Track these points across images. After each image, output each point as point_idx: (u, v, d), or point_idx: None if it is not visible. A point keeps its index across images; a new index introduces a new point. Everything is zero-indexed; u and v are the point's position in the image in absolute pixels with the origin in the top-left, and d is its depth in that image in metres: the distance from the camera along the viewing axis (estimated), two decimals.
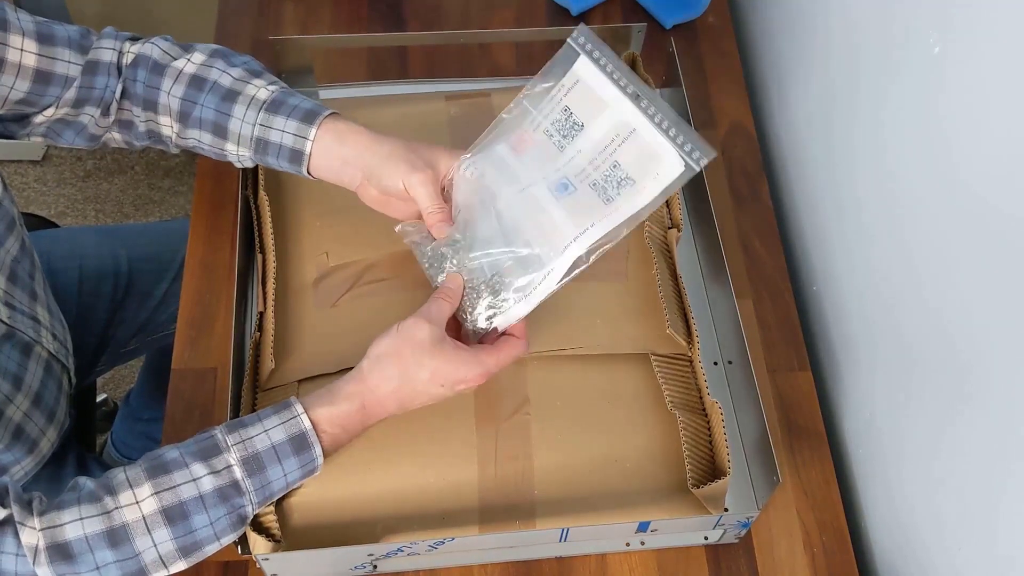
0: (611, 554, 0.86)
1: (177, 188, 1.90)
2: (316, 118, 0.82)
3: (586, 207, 0.79)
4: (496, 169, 0.82)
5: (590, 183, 0.79)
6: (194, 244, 1.00)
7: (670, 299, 0.89)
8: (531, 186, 0.81)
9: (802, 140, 1.05)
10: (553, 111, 0.82)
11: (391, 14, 1.20)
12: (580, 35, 0.81)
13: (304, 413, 0.74)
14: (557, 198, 0.80)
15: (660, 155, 0.78)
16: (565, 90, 0.81)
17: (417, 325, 0.75)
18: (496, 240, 0.80)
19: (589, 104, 0.80)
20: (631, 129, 0.79)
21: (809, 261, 1.03)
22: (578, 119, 0.80)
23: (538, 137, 0.82)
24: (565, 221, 0.78)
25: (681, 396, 0.86)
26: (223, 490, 0.72)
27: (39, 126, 0.86)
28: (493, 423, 0.83)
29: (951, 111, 0.73)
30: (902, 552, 0.86)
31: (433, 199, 0.80)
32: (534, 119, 0.83)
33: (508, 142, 0.83)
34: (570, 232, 0.78)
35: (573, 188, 0.80)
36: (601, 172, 0.79)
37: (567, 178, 0.80)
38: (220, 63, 0.85)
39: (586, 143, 0.80)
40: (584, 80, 0.81)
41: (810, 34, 1.02)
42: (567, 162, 0.80)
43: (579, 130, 0.80)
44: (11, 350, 0.88)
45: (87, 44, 0.85)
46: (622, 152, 0.79)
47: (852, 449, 0.94)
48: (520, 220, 0.80)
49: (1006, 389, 0.68)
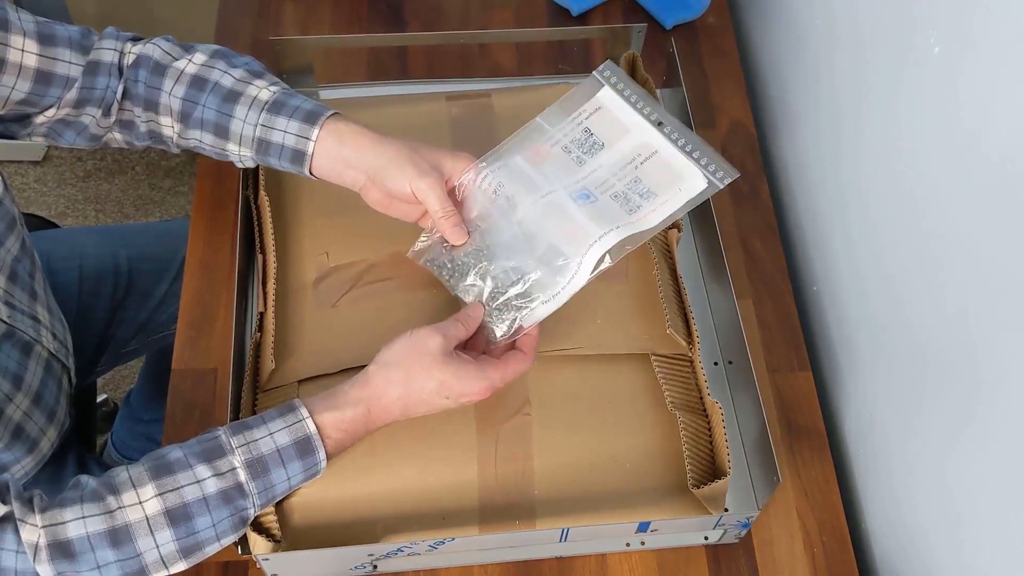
0: (611, 554, 0.86)
1: (177, 188, 1.90)
2: (318, 119, 0.82)
3: (609, 214, 0.79)
4: (514, 179, 0.82)
5: (612, 194, 0.79)
6: (194, 244, 1.00)
7: (670, 299, 0.89)
8: (552, 193, 0.81)
9: (802, 140, 1.05)
10: (573, 131, 0.81)
11: (391, 14, 1.20)
12: (606, 69, 0.81)
13: (309, 417, 0.74)
14: (579, 205, 0.80)
15: (683, 173, 0.78)
16: (587, 114, 0.81)
17: (429, 336, 0.75)
18: (519, 245, 0.80)
19: (611, 128, 0.80)
20: (653, 150, 0.79)
21: (809, 261, 1.03)
22: (599, 139, 0.80)
23: (556, 152, 0.82)
24: (588, 223, 0.78)
25: (681, 396, 0.86)
26: (227, 492, 0.72)
27: (40, 126, 0.86)
28: (493, 424, 0.83)
29: (952, 111, 0.73)
30: (902, 552, 0.86)
31: (443, 202, 0.80)
32: (551, 136, 0.83)
33: (524, 155, 0.83)
34: (594, 232, 0.78)
35: (595, 198, 0.79)
36: (623, 184, 0.79)
37: (588, 189, 0.80)
38: (221, 64, 0.85)
39: (607, 159, 0.80)
40: (606, 107, 0.81)
41: (810, 34, 1.02)
42: (588, 175, 0.81)
43: (599, 148, 0.80)
44: (11, 349, 0.88)
45: (88, 44, 0.85)
46: (644, 169, 0.79)
47: (852, 449, 0.94)
48: (543, 225, 0.80)
49: (1006, 389, 0.68)
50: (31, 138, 0.88)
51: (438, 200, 0.80)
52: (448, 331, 0.76)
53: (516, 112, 1.01)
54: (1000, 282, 0.68)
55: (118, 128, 0.88)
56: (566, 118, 0.83)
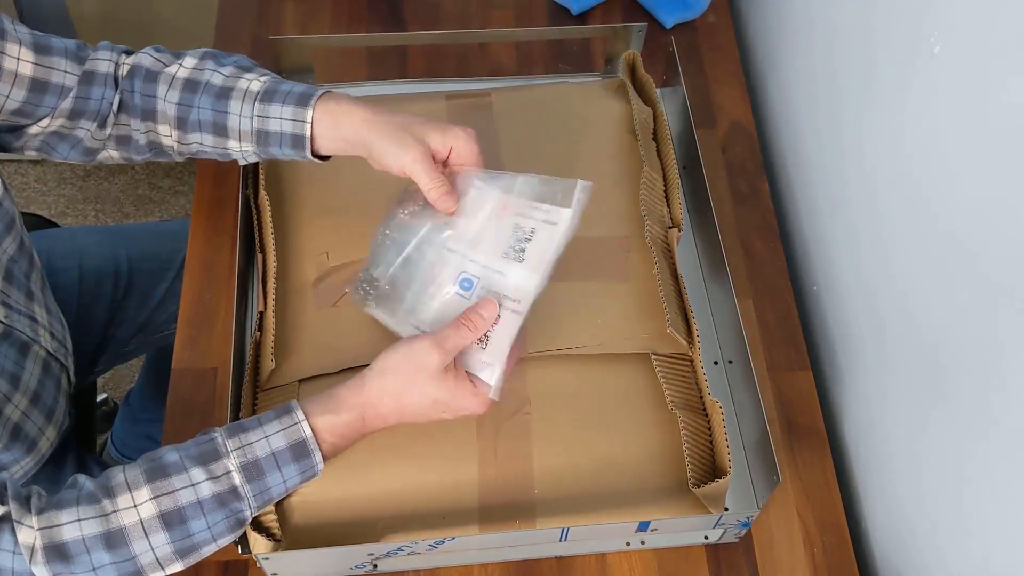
0: (611, 553, 0.86)
1: (177, 188, 1.90)
2: (310, 100, 0.82)
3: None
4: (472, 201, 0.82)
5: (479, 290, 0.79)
6: (194, 244, 1.00)
7: (671, 299, 0.89)
8: (463, 259, 0.81)
9: (802, 139, 1.05)
10: (528, 217, 0.80)
11: (391, 14, 1.20)
12: (583, 191, 0.79)
13: (305, 420, 0.74)
14: (456, 288, 0.80)
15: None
16: (544, 216, 0.80)
17: (428, 352, 0.74)
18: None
19: (539, 251, 0.79)
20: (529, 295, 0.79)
21: (809, 261, 1.03)
22: (525, 252, 0.79)
23: (508, 222, 0.80)
24: (435, 315, 0.80)
25: (682, 396, 0.86)
26: (221, 496, 0.72)
27: (34, 138, 0.86)
28: (493, 423, 0.83)
29: (952, 111, 0.73)
30: (902, 552, 0.86)
31: (430, 175, 0.79)
32: (517, 203, 0.81)
33: (497, 202, 0.82)
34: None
35: (471, 290, 0.79)
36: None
37: (475, 279, 0.80)
38: (211, 64, 0.85)
39: (511, 276, 0.79)
40: (558, 227, 0.79)
41: (811, 33, 1.02)
42: (492, 268, 0.80)
43: (519, 260, 0.79)
44: (8, 348, 0.88)
45: (84, 55, 0.85)
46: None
47: (852, 449, 0.94)
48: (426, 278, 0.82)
49: (1007, 389, 0.68)
50: (24, 150, 0.87)
51: (425, 172, 0.79)
52: (448, 344, 0.75)
53: (516, 112, 1.01)
54: (1001, 282, 0.68)
55: (114, 144, 0.88)
56: (529, 203, 0.81)
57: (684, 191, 1.01)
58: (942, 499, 0.79)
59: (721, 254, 0.91)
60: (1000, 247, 0.67)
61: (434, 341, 0.75)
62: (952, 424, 0.76)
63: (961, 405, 0.74)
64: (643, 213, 0.93)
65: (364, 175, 0.85)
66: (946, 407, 0.77)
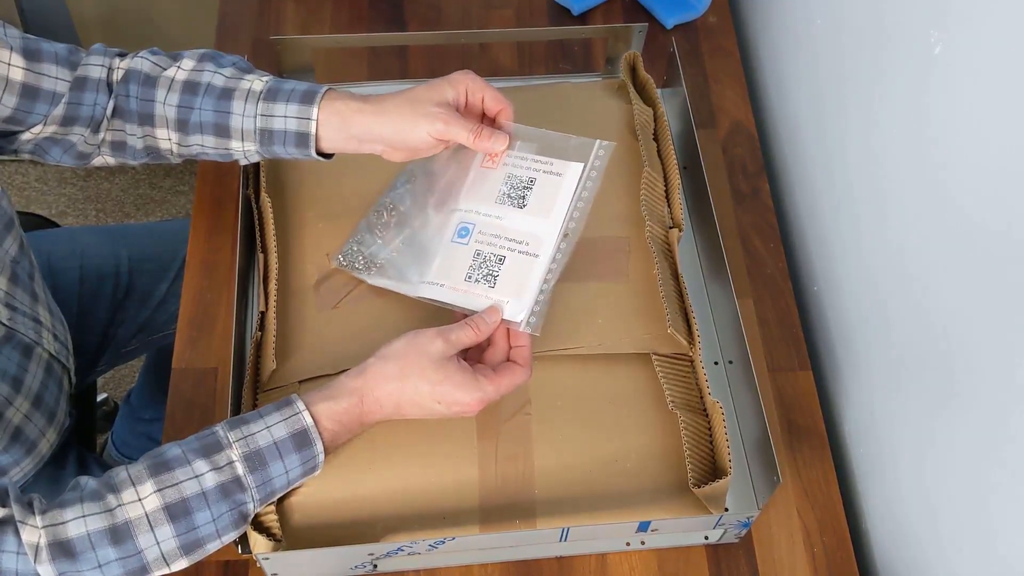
0: (611, 554, 0.86)
1: (178, 188, 1.90)
2: (315, 97, 0.82)
3: (457, 265, 0.83)
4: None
5: (479, 253, 0.82)
6: (195, 244, 1.00)
7: (671, 299, 0.89)
8: (454, 212, 0.84)
9: (803, 139, 1.05)
10: (523, 167, 0.84)
11: (392, 14, 1.20)
12: (603, 148, 0.83)
13: (306, 410, 0.74)
14: (452, 240, 0.83)
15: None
16: (546, 168, 0.83)
17: (431, 339, 0.75)
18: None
19: (544, 199, 0.82)
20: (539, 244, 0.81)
21: (810, 261, 1.03)
22: (527, 199, 0.83)
23: (495, 173, 0.85)
24: (435, 263, 0.84)
25: (682, 396, 0.86)
26: (225, 486, 0.72)
27: (27, 143, 0.85)
28: (494, 423, 0.83)
29: (951, 111, 0.73)
30: (902, 552, 0.86)
31: (467, 127, 0.82)
32: (510, 155, 0.85)
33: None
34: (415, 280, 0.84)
35: (469, 236, 0.82)
36: (493, 249, 0.82)
37: (470, 226, 0.83)
38: (210, 65, 0.85)
39: (512, 220, 0.82)
40: (565, 178, 0.83)
41: (811, 34, 1.02)
42: (489, 214, 0.83)
43: (519, 206, 0.83)
44: (11, 352, 0.88)
45: (75, 60, 0.84)
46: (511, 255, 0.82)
47: (852, 449, 0.94)
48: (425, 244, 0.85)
49: (1008, 390, 0.68)
50: (17, 155, 0.87)
51: (462, 129, 0.81)
52: (452, 336, 0.76)
53: (516, 112, 1.01)
54: (1002, 282, 0.68)
55: (109, 149, 0.88)
56: (531, 154, 0.85)
57: (684, 191, 1.01)
58: (942, 499, 0.79)
59: (721, 254, 0.91)
60: (1003, 247, 0.67)
61: (439, 331, 0.76)
62: (953, 424, 0.76)
63: (962, 405, 0.74)
64: (644, 213, 0.93)
65: (366, 177, 0.86)
66: (953, 407, 0.76)
